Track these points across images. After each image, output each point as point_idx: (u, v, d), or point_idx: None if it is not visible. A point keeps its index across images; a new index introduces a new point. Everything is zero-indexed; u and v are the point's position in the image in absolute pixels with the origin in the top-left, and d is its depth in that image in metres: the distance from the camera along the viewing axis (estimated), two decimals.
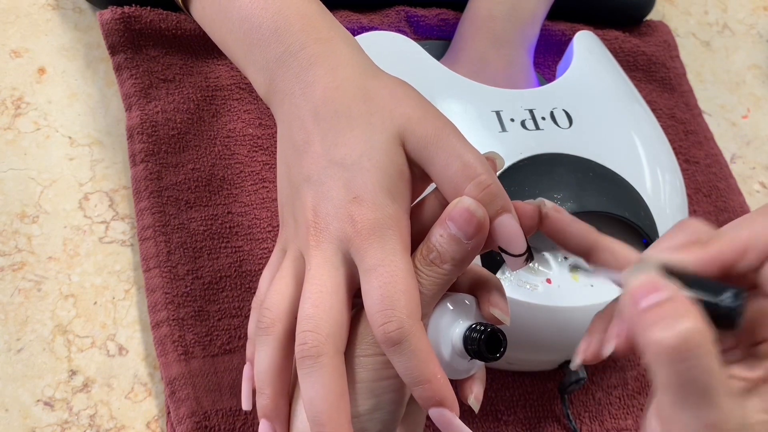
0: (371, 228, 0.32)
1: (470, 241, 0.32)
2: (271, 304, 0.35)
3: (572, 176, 0.48)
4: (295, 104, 0.36)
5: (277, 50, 0.37)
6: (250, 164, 0.54)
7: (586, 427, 0.51)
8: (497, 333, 0.32)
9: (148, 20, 0.55)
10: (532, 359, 0.50)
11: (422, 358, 0.31)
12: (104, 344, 0.47)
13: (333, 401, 0.31)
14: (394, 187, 0.33)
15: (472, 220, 0.32)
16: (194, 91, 0.55)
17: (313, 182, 0.34)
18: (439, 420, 0.32)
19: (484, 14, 0.56)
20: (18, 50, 0.56)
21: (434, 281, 0.33)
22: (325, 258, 0.33)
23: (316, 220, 0.34)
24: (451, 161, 0.33)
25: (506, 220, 0.33)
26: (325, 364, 0.31)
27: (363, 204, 0.33)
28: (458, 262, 0.33)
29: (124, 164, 0.53)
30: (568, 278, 0.46)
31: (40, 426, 0.44)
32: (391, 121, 0.34)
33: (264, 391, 0.34)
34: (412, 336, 0.31)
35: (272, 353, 0.34)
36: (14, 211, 0.50)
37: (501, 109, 0.50)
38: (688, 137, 0.65)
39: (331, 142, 0.34)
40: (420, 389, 0.31)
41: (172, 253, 0.49)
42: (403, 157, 0.34)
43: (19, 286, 0.48)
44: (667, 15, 0.75)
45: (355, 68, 0.36)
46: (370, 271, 0.32)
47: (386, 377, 0.33)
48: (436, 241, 0.32)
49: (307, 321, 0.32)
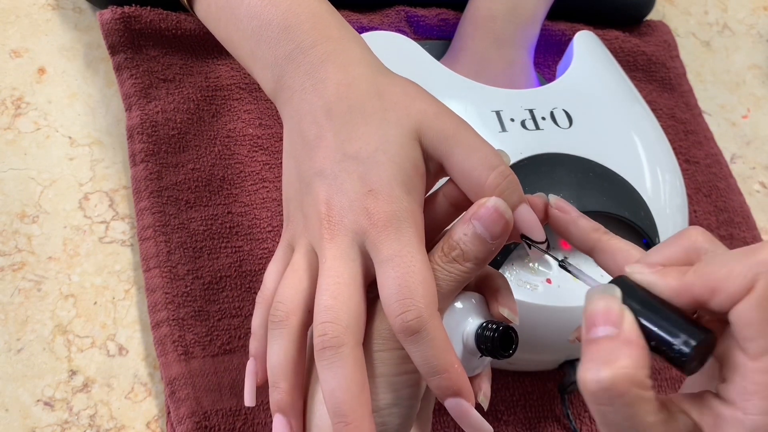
0: (387, 220, 0.32)
1: (495, 241, 0.32)
2: (284, 298, 0.34)
3: (572, 176, 0.48)
4: (306, 100, 0.36)
5: (287, 47, 0.37)
6: (250, 164, 0.54)
7: (586, 427, 0.51)
8: (510, 331, 0.33)
9: (148, 20, 0.55)
10: (532, 359, 0.50)
11: (441, 347, 0.31)
12: (104, 344, 0.47)
13: (355, 392, 0.31)
14: (410, 181, 0.34)
15: (500, 221, 0.32)
16: (194, 91, 0.55)
17: (327, 176, 0.34)
18: (456, 410, 0.32)
19: (485, 14, 0.56)
20: (18, 50, 0.56)
21: (454, 278, 0.33)
22: (341, 250, 0.33)
23: (329, 213, 0.34)
24: (471, 153, 0.33)
25: (526, 209, 0.33)
26: (346, 355, 0.31)
27: (378, 197, 0.33)
28: (480, 261, 0.33)
29: (124, 164, 0.53)
30: (568, 278, 0.46)
31: (40, 426, 0.44)
32: (407, 117, 0.35)
33: (279, 385, 0.34)
34: (430, 325, 0.31)
35: (287, 346, 0.34)
36: (14, 211, 0.50)
37: (501, 109, 0.50)
38: (688, 137, 0.65)
39: (345, 137, 0.34)
40: (438, 379, 0.31)
41: (172, 253, 0.49)
42: (419, 152, 0.34)
43: (19, 286, 0.48)
44: (667, 15, 0.75)
45: (367, 67, 0.37)
46: (387, 262, 0.32)
47: (405, 372, 0.33)
48: (459, 239, 0.33)
49: (326, 312, 0.32)
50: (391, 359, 0.33)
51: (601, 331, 0.27)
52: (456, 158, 0.34)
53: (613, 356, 0.26)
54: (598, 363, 0.26)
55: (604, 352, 0.27)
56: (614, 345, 0.27)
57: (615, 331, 0.27)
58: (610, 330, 0.27)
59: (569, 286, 0.46)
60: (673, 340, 0.27)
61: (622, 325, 0.27)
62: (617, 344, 0.27)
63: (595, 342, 0.27)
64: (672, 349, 0.27)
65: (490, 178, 0.33)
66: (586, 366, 0.27)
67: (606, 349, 0.27)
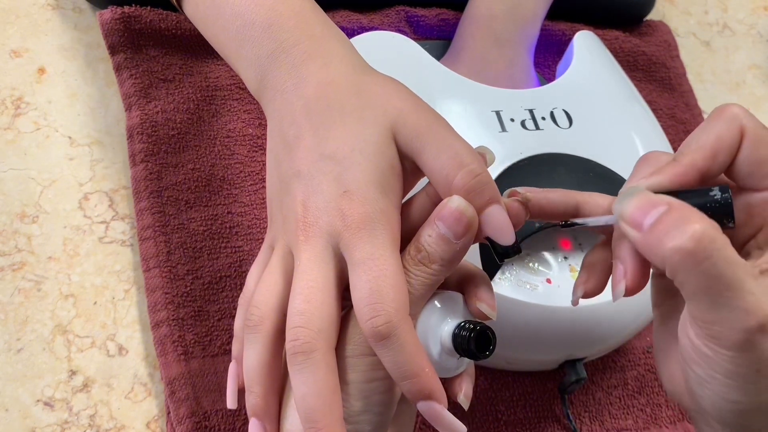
0: (361, 222, 0.32)
1: (459, 240, 0.32)
2: (259, 302, 0.34)
3: (572, 176, 0.48)
4: (286, 100, 0.36)
5: (270, 46, 0.37)
6: (250, 164, 0.54)
7: (586, 427, 0.51)
8: (486, 331, 0.32)
9: (147, 20, 0.55)
10: (532, 359, 0.50)
11: (410, 352, 0.31)
12: (104, 344, 0.47)
13: (326, 397, 0.31)
14: (385, 181, 0.33)
15: (461, 220, 0.32)
16: (194, 91, 0.55)
17: (304, 176, 0.34)
18: (429, 413, 0.31)
19: (485, 13, 0.56)
20: (18, 50, 0.56)
21: (423, 281, 0.32)
22: (315, 253, 0.33)
23: (305, 215, 0.33)
24: (442, 150, 0.33)
25: (496, 210, 0.32)
26: (317, 360, 0.31)
27: (353, 198, 0.32)
28: (447, 262, 0.32)
29: (124, 164, 0.53)
30: (568, 278, 0.46)
31: (40, 426, 0.44)
32: (383, 115, 0.34)
33: (253, 390, 0.34)
34: (400, 330, 0.30)
35: (261, 351, 0.34)
36: (14, 211, 0.50)
37: (501, 109, 0.50)
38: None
39: (322, 137, 0.34)
40: (408, 383, 0.31)
41: (172, 253, 0.49)
42: (395, 151, 0.34)
43: (19, 286, 0.48)
44: (667, 15, 0.75)
45: (348, 65, 0.37)
46: (359, 265, 0.31)
47: (376, 378, 0.32)
48: (424, 241, 0.32)
49: (298, 316, 0.32)
50: (364, 365, 0.32)
51: (652, 215, 0.28)
52: (427, 156, 0.33)
53: (684, 218, 0.27)
54: (677, 229, 0.27)
55: (672, 221, 0.28)
56: (675, 214, 0.28)
57: (666, 208, 0.28)
58: (661, 209, 0.28)
59: (569, 286, 0.46)
60: (712, 194, 0.30)
61: (667, 200, 0.29)
62: (677, 213, 0.28)
63: (657, 224, 0.28)
64: (716, 201, 0.30)
65: (457, 177, 0.32)
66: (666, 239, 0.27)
67: (675, 216, 0.28)
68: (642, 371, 0.53)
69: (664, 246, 0.27)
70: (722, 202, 0.30)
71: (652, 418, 0.52)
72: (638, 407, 0.52)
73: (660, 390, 0.53)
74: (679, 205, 0.28)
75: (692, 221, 0.27)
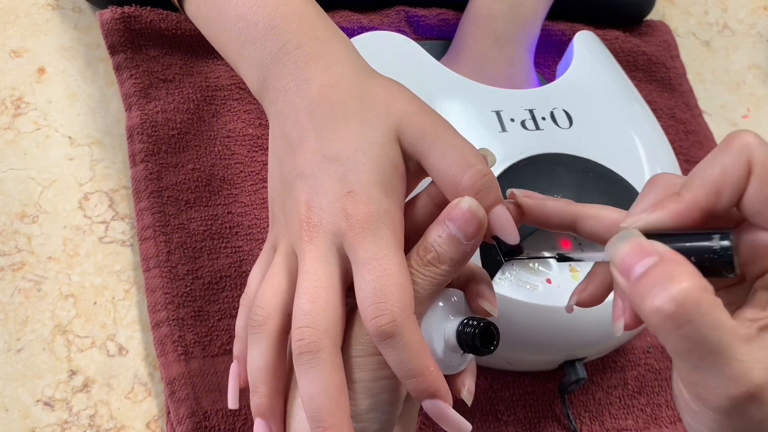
0: (365, 222, 0.32)
1: (470, 241, 0.32)
2: (263, 302, 0.34)
3: (572, 176, 0.48)
4: (289, 101, 0.36)
5: (273, 48, 0.37)
6: (250, 164, 0.54)
7: (586, 427, 0.51)
8: (490, 326, 0.32)
9: (147, 20, 0.55)
10: (532, 359, 0.50)
11: (415, 351, 0.31)
12: (104, 344, 0.47)
13: (333, 397, 0.31)
14: (389, 181, 0.33)
15: (473, 221, 0.32)
16: (194, 91, 0.55)
17: (307, 177, 0.34)
18: (434, 411, 0.32)
19: (485, 13, 0.56)
20: (18, 50, 0.56)
21: (431, 281, 0.33)
22: (319, 253, 0.33)
23: (309, 215, 0.33)
24: (448, 151, 0.33)
25: (501, 210, 0.33)
26: (324, 360, 0.31)
27: (357, 198, 0.33)
28: (456, 262, 0.33)
29: (124, 164, 0.53)
30: (568, 278, 0.46)
31: (40, 426, 0.44)
32: (387, 116, 0.34)
33: (258, 390, 0.34)
34: (405, 329, 0.30)
35: (266, 351, 0.34)
36: (14, 211, 0.50)
37: (501, 109, 0.50)
38: (688, 137, 0.65)
39: (326, 138, 0.34)
40: (413, 382, 0.31)
41: (172, 253, 0.49)
42: (399, 152, 0.34)
43: (19, 286, 0.48)
44: (667, 15, 0.75)
45: (351, 67, 0.37)
46: (363, 265, 0.32)
47: (383, 377, 0.33)
48: (434, 242, 0.32)
49: (303, 316, 0.32)
50: (370, 364, 0.33)
51: (641, 266, 0.26)
52: (433, 157, 0.33)
53: (669, 276, 0.26)
54: (660, 287, 0.25)
55: (658, 277, 0.26)
56: (663, 268, 0.26)
57: (656, 259, 0.26)
58: (650, 260, 0.26)
59: (569, 286, 0.46)
60: (710, 243, 0.27)
61: (659, 251, 0.27)
62: (666, 266, 0.26)
63: (643, 277, 0.26)
64: (714, 252, 0.27)
65: (465, 177, 0.32)
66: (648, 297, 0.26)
67: (658, 275, 0.26)
68: (642, 371, 0.53)
69: (647, 303, 0.26)
70: (720, 252, 0.27)
71: (652, 418, 0.52)
72: (638, 407, 0.52)
73: (660, 390, 0.53)
74: (671, 257, 0.26)
75: (678, 280, 0.25)
